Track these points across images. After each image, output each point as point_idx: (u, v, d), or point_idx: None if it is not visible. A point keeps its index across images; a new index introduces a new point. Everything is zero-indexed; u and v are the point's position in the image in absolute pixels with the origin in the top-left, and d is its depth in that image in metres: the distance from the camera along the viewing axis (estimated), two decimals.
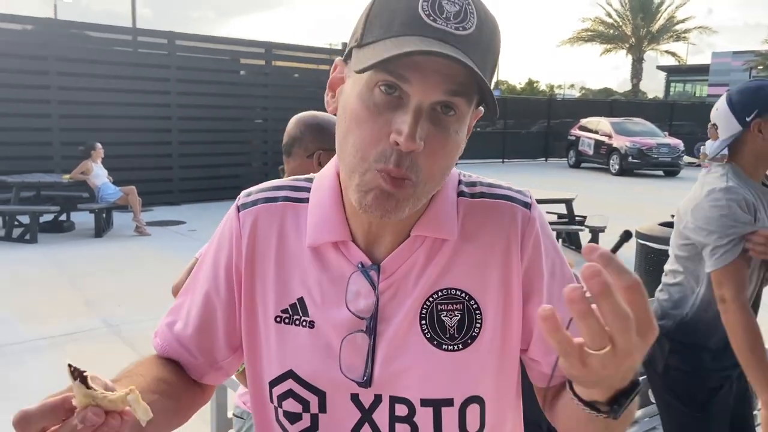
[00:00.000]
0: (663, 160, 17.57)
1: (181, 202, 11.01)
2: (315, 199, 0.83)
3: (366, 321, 0.77)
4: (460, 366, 0.77)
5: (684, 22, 36.70)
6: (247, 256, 0.83)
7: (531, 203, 0.82)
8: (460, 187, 0.83)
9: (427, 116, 0.69)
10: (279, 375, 0.81)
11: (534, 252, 0.80)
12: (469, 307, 0.78)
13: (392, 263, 0.78)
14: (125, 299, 5.50)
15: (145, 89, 10.63)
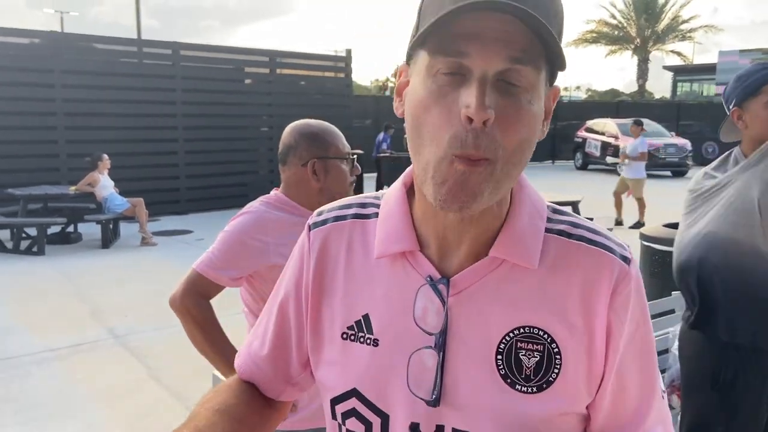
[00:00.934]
0: (670, 160, 17.49)
1: (188, 211, 11.05)
2: (383, 213, 0.81)
3: (435, 337, 0.74)
4: (532, 410, 0.73)
5: (689, 21, 36.57)
6: (315, 274, 0.83)
7: (630, 259, 0.77)
8: (549, 225, 0.77)
9: (494, 87, 0.65)
10: (342, 393, 0.80)
11: (619, 310, 0.75)
12: (550, 350, 0.73)
13: (464, 280, 0.74)
14: (132, 310, 5.51)
15: (151, 99, 10.70)
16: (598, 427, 0.78)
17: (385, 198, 0.82)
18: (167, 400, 3.80)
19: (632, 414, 0.78)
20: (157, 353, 4.52)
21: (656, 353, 0.82)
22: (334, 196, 1.75)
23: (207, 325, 1.73)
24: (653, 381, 0.79)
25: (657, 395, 0.80)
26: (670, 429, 0.81)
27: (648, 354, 0.79)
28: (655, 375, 0.80)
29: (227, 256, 1.72)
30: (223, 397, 0.85)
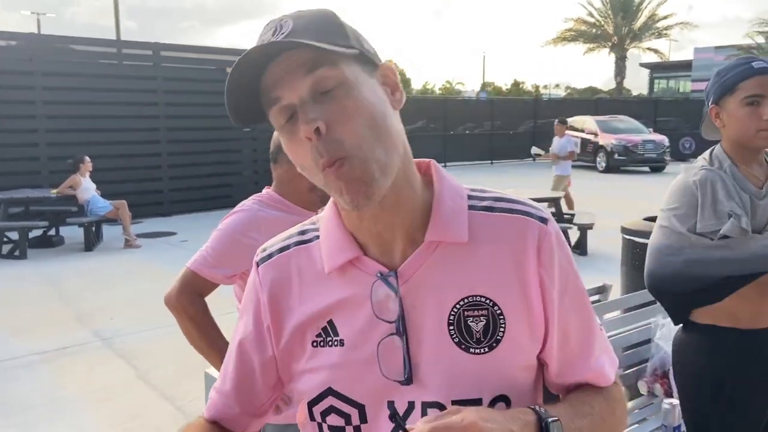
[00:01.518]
0: (649, 156, 17.74)
1: (172, 213, 11.00)
2: (323, 233, 0.89)
3: (395, 324, 0.81)
4: (487, 367, 0.81)
5: (665, 18, 37.05)
6: (271, 304, 0.89)
7: (548, 218, 0.85)
8: (471, 201, 0.86)
9: (314, 102, 0.75)
10: (318, 394, 0.85)
11: (547, 264, 0.83)
12: (493, 312, 0.82)
13: (409, 268, 0.82)
14: (117, 312, 5.50)
15: (132, 101, 10.63)
16: (555, 371, 0.88)
17: (321, 221, 0.90)
18: (156, 401, 3.80)
19: (579, 352, 0.87)
20: (145, 355, 4.52)
21: (587, 295, 0.90)
22: (325, 194, 1.79)
23: (202, 322, 1.76)
24: (590, 319, 0.89)
25: (596, 331, 0.89)
26: (613, 356, 0.92)
27: (580, 297, 0.88)
28: (590, 314, 0.89)
29: (221, 254, 1.74)
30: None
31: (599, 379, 0.89)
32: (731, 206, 1.70)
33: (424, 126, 20.39)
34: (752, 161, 1.82)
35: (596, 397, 0.87)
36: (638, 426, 2.54)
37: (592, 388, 0.89)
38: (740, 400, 1.81)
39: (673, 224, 1.81)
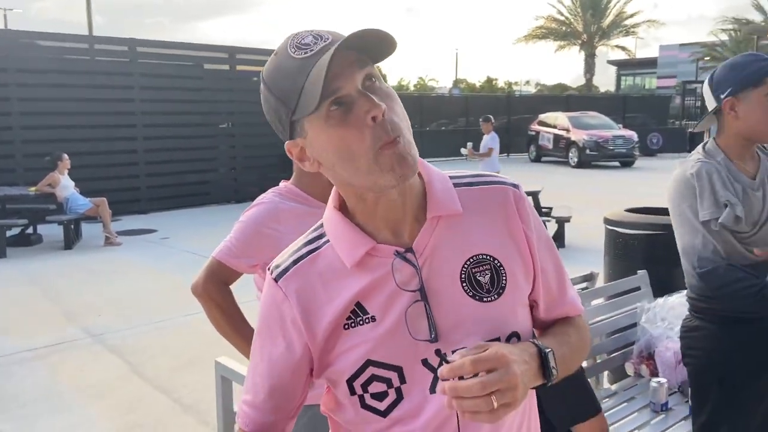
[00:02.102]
0: (619, 151, 18.14)
1: (150, 210, 10.93)
2: (332, 236, 0.98)
3: (418, 293, 0.94)
4: (499, 311, 0.96)
5: (632, 16, 37.77)
6: (302, 309, 0.97)
7: (518, 185, 1.04)
8: (454, 181, 1.02)
9: (364, 86, 0.88)
10: (357, 369, 0.95)
11: (526, 219, 1.01)
12: (495, 266, 0.97)
13: (421, 243, 0.95)
14: (105, 309, 5.50)
15: (108, 97, 10.55)
16: (543, 307, 1.05)
17: (326, 225, 1.01)
18: (153, 394, 3.86)
19: (558, 288, 1.06)
20: (137, 350, 4.56)
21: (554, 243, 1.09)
22: None
23: (229, 308, 1.84)
24: (560, 261, 1.08)
25: (565, 270, 1.09)
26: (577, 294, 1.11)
27: (551, 244, 1.07)
28: (559, 256, 1.08)
29: (244, 245, 1.82)
30: None
31: (574, 310, 1.09)
32: (726, 195, 1.80)
33: None
34: (746, 155, 1.90)
35: (570, 329, 1.05)
36: (627, 404, 2.69)
37: (566, 320, 1.08)
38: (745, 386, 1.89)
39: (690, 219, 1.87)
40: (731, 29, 39.68)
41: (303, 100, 0.87)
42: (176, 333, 4.92)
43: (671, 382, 2.70)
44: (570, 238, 7.77)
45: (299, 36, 0.91)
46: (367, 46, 0.87)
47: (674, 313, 2.91)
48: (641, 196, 11.24)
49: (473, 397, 0.80)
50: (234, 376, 2.55)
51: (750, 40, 33.96)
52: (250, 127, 12.16)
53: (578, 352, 1.04)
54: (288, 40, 0.92)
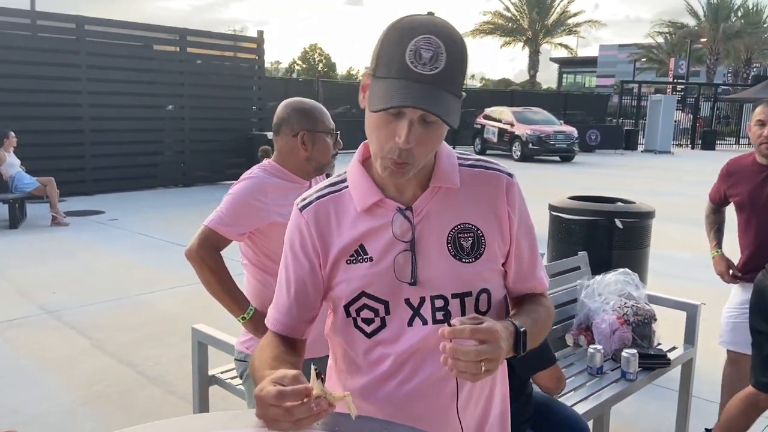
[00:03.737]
0: (559, 146, 18.86)
1: (95, 191, 10.73)
2: (351, 183, 1.21)
3: (408, 244, 1.16)
4: (474, 271, 1.18)
5: (575, 16, 38.98)
6: (318, 236, 1.20)
7: (513, 174, 1.24)
8: (459, 161, 1.22)
9: (418, 123, 1.05)
10: (353, 297, 1.18)
11: (512, 204, 1.21)
12: (477, 234, 1.19)
13: (420, 205, 1.17)
14: (59, 287, 5.49)
15: (53, 75, 10.26)
16: (512, 278, 1.26)
17: (349, 174, 1.24)
18: (117, 366, 3.95)
19: (529, 265, 1.27)
20: (96, 326, 4.61)
21: (534, 229, 1.29)
22: (319, 165, 2.09)
23: (220, 271, 2.01)
24: (536, 245, 1.29)
25: (538, 253, 1.30)
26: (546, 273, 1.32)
27: (531, 229, 1.27)
28: (536, 241, 1.28)
29: (234, 215, 2.00)
30: (270, 351, 1.21)
31: (541, 287, 1.29)
32: None
33: (347, 111, 20.63)
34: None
35: (539, 309, 1.24)
36: (566, 369, 2.99)
37: (535, 297, 1.28)
38: None
39: None
40: (667, 32, 41.47)
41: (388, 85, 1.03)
42: (134, 310, 4.98)
43: (606, 350, 3.02)
44: None
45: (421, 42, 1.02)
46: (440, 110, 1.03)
47: (610, 289, 3.25)
48: (580, 189, 11.80)
49: (467, 360, 0.97)
50: (210, 341, 2.71)
51: (684, 43, 35.68)
52: (201, 110, 12.07)
53: (544, 328, 1.25)
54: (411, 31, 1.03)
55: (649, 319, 3.13)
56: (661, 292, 3.44)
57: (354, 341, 1.22)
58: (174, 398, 3.55)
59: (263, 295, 2.05)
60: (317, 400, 0.94)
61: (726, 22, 37.94)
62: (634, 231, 3.88)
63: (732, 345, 3.04)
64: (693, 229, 8.58)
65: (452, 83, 1.05)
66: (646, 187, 12.96)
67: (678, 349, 3.16)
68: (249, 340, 2.09)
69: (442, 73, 1.03)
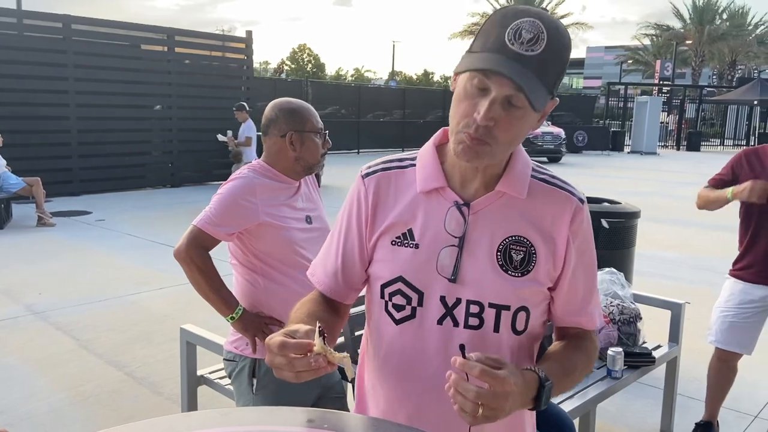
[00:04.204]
0: (547, 147, 18.96)
1: (82, 192, 10.66)
2: (420, 163, 1.18)
3: (457, 239, 1.12)
4: (517, 286, 1.12)
5: (563, 18, 39.16)
6: (373, 205, 1.19)
7: (584, 200, 1.16)
8: (534, 173, 1.16)
9: (502, 104, 1.01)
10: (390, 279, 1.16)
11: (575, 232, 1.14)
12: (531, 251, 1.13)
13: (479, 204, 1.13)
14: (46, 288, 5.46)
15: (40, 75, 10.17)
16: (560, 306, 1.20)
17: (420, 154, 1.22)
18: (105, 367, 3.93)
19: (582, 299, 1.20)
20: (83, 327, 4.58)
21: (596, 265, 1.23)
22: (308, 165, 2.10)
23: (208, 271, 2.01)
24: (594, 280, 1.24)
25: (595, 291, 1.24)
26: (601, 313, 1.27)
27: (592, 264, 1.21)
28: (595, 277, 1.24)
29: (223, 215, 2.00)
30: (308, 307, 1.22)
31: (590, 324, 1.22)
32: None
33: (336, 111, 20.63)
34: None
35: (578, 356, 1.17)
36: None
37: (578, 340, 1.20)
38: None
39: None
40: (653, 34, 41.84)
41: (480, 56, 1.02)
42: (122, 311, 4.96)
43: None
44: None
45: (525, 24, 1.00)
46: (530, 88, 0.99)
47: None
48: None
49: (465, 397, 0.93)
50: (198, 341, 2.72)
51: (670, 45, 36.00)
52: (189, 111, 12.02)
53: (579, 377, 1.17)
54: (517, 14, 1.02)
55: (634, 317, 3.17)
56: (645, 291, 3.49)
57: (382, 325, 1.21)
58: (162, 399, 3.54)
59: (252, 295, 2.07)
60: (317, 356, 0.97)
61: (711, 25, 38.35)
62: (619, 231, 3.93)
63: (725, 345, 2.98)
64: (676, 229, 8.71)
65: (546, 72, 1.01)
66: (632, 187, 13.09)
67: (663, 348, 3.21)
68: (238, 339, 2.10)
69: (539, 57, 0.99)
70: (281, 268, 2.04)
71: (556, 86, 1.06)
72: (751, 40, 39.32)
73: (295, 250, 2.03)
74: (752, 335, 2.95)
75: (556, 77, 1.05)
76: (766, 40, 40.74)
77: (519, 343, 1.17)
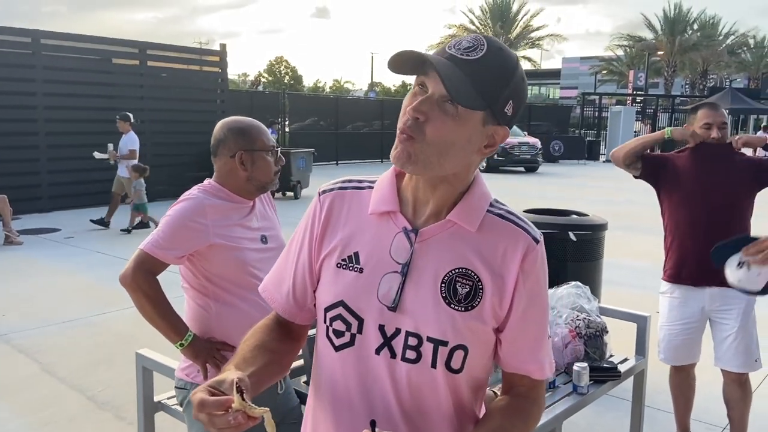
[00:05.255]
0: (524, 157, 19.10)
1: (52, 209, 10.47)
2: (377, 185, 1.16)
3: (401, 266, 1.08)
4: (459, 322, 1.06)
5: (538, 30, 39.69)
6: (324, 224, 1.16)
7: (539, 240, 1.11)
8: (491, 207, 1.12)
9: (437, 102, 1.00)
10: (332, 303, 1.12)
11: (526, 272, 1.09)
12: (477, 285, 1.07)
13: (428, 232, 1.09)
14: (10, 309, 5.31)
15: (6, 90, 9.99)
16: (505, 350, 1.14)
17: (380, 178, 1.20)
18: (66, 392, 3.82)
19: (530, 348, 1.14)
20: (47, 349, 4.47)
21: (548, 311, 1.18)
22: (261, 184, 2.05)
23: (156, 297, 1.95)
24: (544, 327, 1.17)
25: (546, 338, 1.17)
26: (552, 362, 1.19)
27: (543, 309, 1.15)
28: (546, 323, 1.18)
29: (171, 238, 1.94)
30: (259, 336, 1.19)
31: (539, 373, 1.15)
32: None
33: (314, 123, 20.58)
34: None
35: (514, 422, 1.13)
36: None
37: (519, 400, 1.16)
38: None
39: None
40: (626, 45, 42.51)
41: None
42: (88, 332, 4.85)
43: (559, 364, 3.04)
44: None
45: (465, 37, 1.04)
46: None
47: (563, 302, 3.27)
48: (544, 199, 11.97)
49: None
50: (155, 366, 2.63)
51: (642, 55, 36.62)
52: (161, 124, 11.90)
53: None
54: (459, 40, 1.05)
55: (600, 331, 3.16)
56: (615, 301, 3.49)
57: (322, 350, 1.17)
58: (124, 424, 3.45)
59: (204, 320, 2.01)
60: (236, 413, 0.94)
61: (682, 35, 39.06)
62: (587, 243, 3.93)
63: (675, 360, 3.10)
64: (649, 238, 8.76)
65: (481, 79, 1.00)
66: (606, 196, 13.21)
67: (630, 361, 3.20)
68: (189, 366, 2.03)
69: (473, 61, 0.99)
70: (234, 291, 1.98)
71: (499, 105, 1.03)
72: (722, 50, 40.12)
73: (249, 270, 1.98)
74: (695, 345, 3.07)
75: (497, 92, 1.02)
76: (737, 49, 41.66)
77: (456, 385, 1.12)
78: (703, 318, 3.00)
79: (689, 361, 3.03)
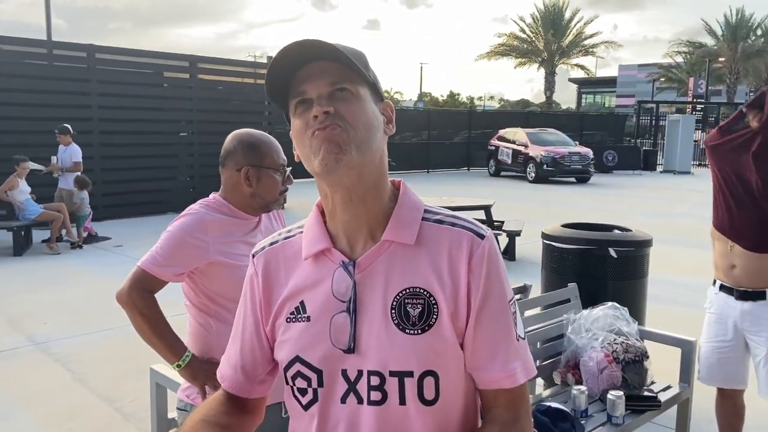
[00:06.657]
0: (575, 167, 18.60)
1: (105, 218, 10.75)
2: (305, 228, 1.08)
3: (346, 303, 0.99)
4: (419, 346, 0.97)
5: (592, 37, 38.78)
6: (264, 288, 1.09)
7: (485, 235, 1.01)
8: (425, 215, 1.04)
9: (328, 98, 0.96)
10: (289, 361, 1.03)
11: (475, 269, 0.99)
12: (429, 302, 0.98)
13: (365, 260, 1.00)
14: (51, 317, 5.43)
15: (64, 103, 10.38)
16: (468, 362, 1.02)
17: (306, 221, 1.10)
18: (95, 402, 3.84)
19: (493, 352, 1.00)
20: (81, 358, 4.52)
21: (511, 307, 1.03)
22: (265, 202, 1.96)
23: (153, 316, 1.89)
24: (507, 327, 1.02)
25: (511, 338, 1.02)
26: (528, 366, 1.03)
27: (501, 306, 1.01)
28: (508, 322, 1.02)
29: (170, 254, 1.87)
30: (206, 409, 1.11)
31: (507, 381, 1.00)
32: None
33: None
34: None
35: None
36: None
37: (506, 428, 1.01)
38: None
39: None
40: (685, 51, 41.07)
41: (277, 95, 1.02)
42: (123, 341, 4.88)
43: (593, 390, 2.84)
44: (522, 252, 7.96)
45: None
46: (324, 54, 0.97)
47: (598, 324, 3.07)
48: (595, 211, 11.57)
49: None
50: (169, 384, 2.58)
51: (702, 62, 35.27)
52: (210, 135, 12.12)
53: None
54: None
55: (640, 356, 2.94)
56: (662, 321, 3.26)
57: (293, 413, 1.07)
58: None
59: (205, 339, 1.93)
60: None
61: (745, 41, 37.45)
62: (629, 260, 3.69)
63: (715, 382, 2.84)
64: (705, 253, 8.28)
65: (352, 54, 0.97)
66: (661, 208, 12.64)
67: (673, 388, 2.97)
68: (189, 387, 1.96)
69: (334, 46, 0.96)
70: (235, 309, 1.88)
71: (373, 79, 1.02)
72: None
73: None
74: (734, 366, 2.77)
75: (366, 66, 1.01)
76: None
77: (436, 420, 0.99)
78: (738, 337, 2.74)
79: (731, 385, 2.77)
